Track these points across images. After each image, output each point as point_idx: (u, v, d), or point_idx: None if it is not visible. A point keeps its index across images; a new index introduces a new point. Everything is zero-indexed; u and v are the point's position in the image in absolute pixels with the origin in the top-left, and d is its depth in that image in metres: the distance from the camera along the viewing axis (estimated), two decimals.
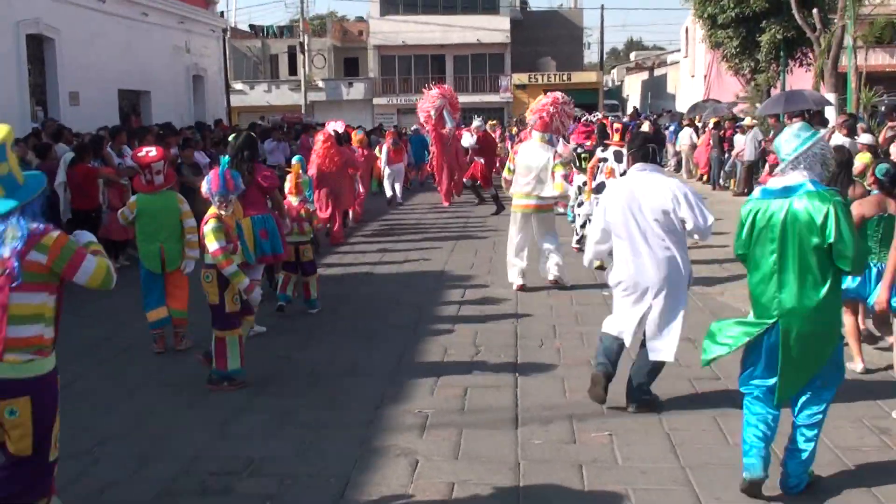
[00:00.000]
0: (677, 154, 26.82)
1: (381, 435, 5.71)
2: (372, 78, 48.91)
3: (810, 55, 26.19)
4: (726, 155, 23.09)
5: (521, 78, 48.46)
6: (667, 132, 27.15)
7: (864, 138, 11.84)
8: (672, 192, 5.76)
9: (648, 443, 5.50)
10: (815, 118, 15.89)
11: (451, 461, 5.29)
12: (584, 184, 11.79)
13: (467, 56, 48.41)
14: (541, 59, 51.72)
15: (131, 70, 21.69)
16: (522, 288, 10.05)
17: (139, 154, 7.94)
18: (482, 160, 18.83)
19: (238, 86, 44.52)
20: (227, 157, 7.45)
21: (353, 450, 5.46)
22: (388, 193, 20.31)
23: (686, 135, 26.11)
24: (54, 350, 3.96)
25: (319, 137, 14.17)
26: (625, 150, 8.65)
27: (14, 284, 3.72)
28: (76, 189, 11.62)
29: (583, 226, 11.80)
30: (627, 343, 6.06)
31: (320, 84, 47.98)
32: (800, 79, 27.00)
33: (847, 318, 6.78)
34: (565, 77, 47.81)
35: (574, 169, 11.98)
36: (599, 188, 10.76)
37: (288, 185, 9.51)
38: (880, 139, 14.19)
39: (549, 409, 6.15)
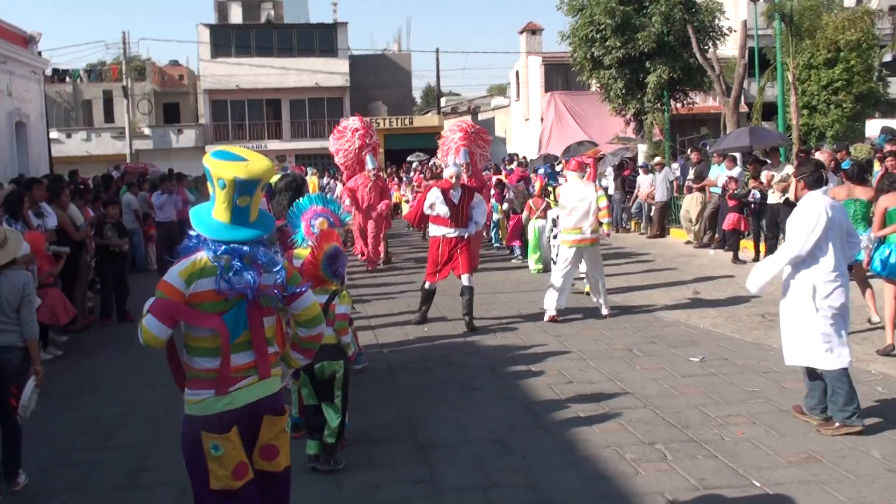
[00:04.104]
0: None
1: None
2: (203, 124, 45.79)
3: (690, 95, 26.34)
4: (628, 196, 22.59)
5: None
6: (536, 174, 26.45)
7: None
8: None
9: None
10: (771, 155, 15.40)
11: None
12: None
13: (304, 100, 46.26)
14: (371, 103, 50.44)
15: None
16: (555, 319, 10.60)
17: None
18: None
19: (53, 134, 40.21)
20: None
21: None
22: None
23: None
24: None
25: None
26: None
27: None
28: None
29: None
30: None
31: (146, 131, 44.31)
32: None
33: None
34: (407, 121, 46.73)
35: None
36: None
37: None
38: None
39: None
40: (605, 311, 10.82)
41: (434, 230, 10.66)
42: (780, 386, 7.51)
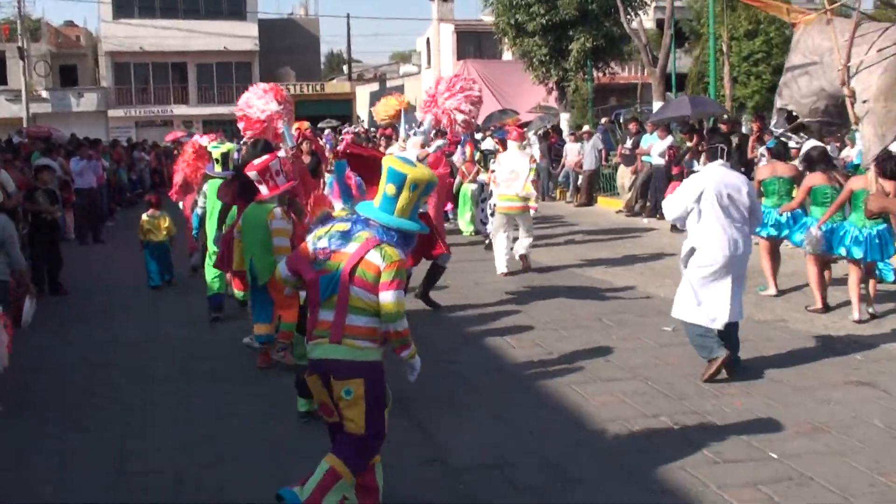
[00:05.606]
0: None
1: None
2: (105, 88, 43.91)
3: (612, 64, 26.46)
4: (553, 164, 22.56)
5: None
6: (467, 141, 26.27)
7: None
8: (746, 185, 6.90)
9: None
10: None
11: None
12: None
13: (212, 64, 44.77)
14: (279, 69, 49.22)
15: None
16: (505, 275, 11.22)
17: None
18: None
19: None
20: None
21: None
22: None
23: (490, 145, 25.36)
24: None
25: (188, 149, 11.68)
26: None
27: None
28: None
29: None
30: (721, 326, 6.74)
31: (44, 94, 42.24)
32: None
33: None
34: (318, 87, 45.83)
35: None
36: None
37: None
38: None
39: None
40: (503, 269, 11.24)
41: None
42: (761, 355, 7.51)
